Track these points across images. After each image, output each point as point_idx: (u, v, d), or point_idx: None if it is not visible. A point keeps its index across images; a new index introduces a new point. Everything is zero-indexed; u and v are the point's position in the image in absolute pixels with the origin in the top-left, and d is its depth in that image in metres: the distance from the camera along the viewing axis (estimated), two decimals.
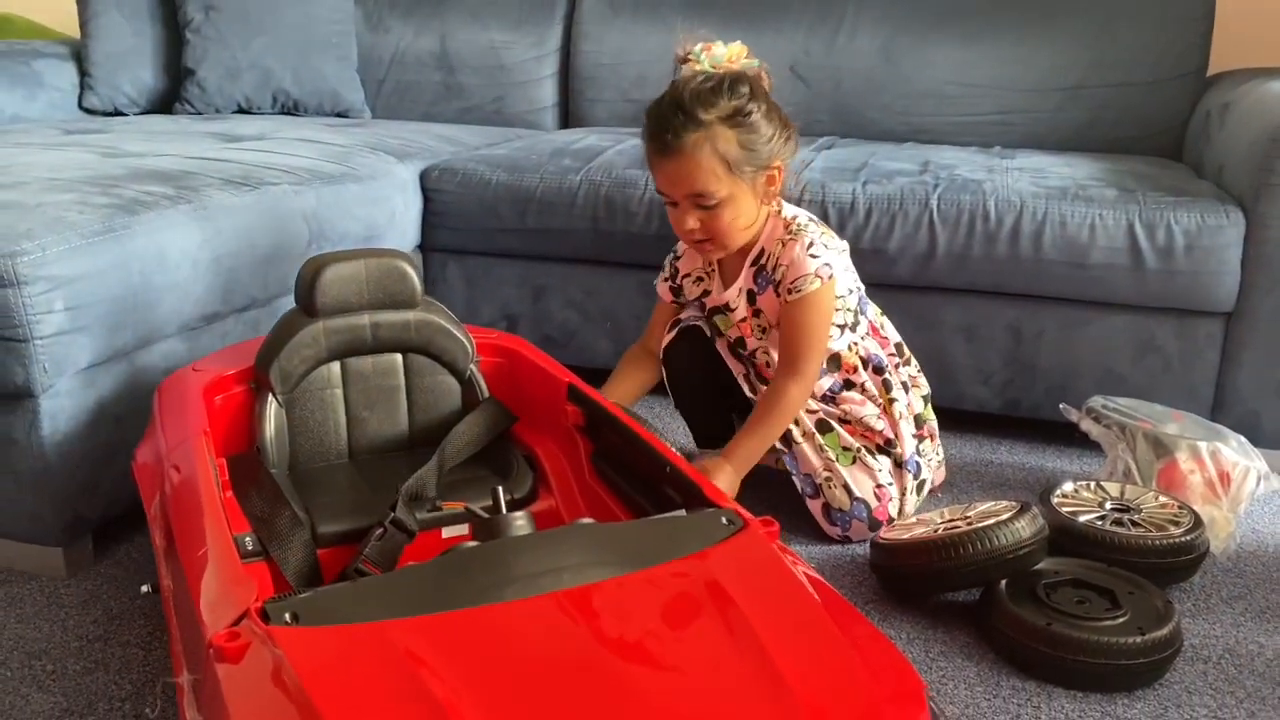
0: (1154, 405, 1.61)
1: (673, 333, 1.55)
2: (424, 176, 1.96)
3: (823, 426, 1.45)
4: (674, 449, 1.09)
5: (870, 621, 0.84)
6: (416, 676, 0.71)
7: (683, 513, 0.94)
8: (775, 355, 1.47)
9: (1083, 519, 1.35)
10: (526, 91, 2.55)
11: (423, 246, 2.00)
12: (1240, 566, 1.39)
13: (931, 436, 1.52)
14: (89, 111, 2.47)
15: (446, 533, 1.15)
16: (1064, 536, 1.33)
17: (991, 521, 1.22)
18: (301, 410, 1.23)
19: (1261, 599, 1.31)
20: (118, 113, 2.47)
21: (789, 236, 1.41)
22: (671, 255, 1.58)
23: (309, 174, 1.69)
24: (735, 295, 1.47)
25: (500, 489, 1.00)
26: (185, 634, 0.92)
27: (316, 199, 1.65)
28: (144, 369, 1.35)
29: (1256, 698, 1.12)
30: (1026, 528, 1.21)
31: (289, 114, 2.49)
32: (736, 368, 1.51)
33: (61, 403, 1.25)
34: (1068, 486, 1.44)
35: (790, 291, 1.39)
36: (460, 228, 1.95)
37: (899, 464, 1.45)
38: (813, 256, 1.38)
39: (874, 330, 1.50)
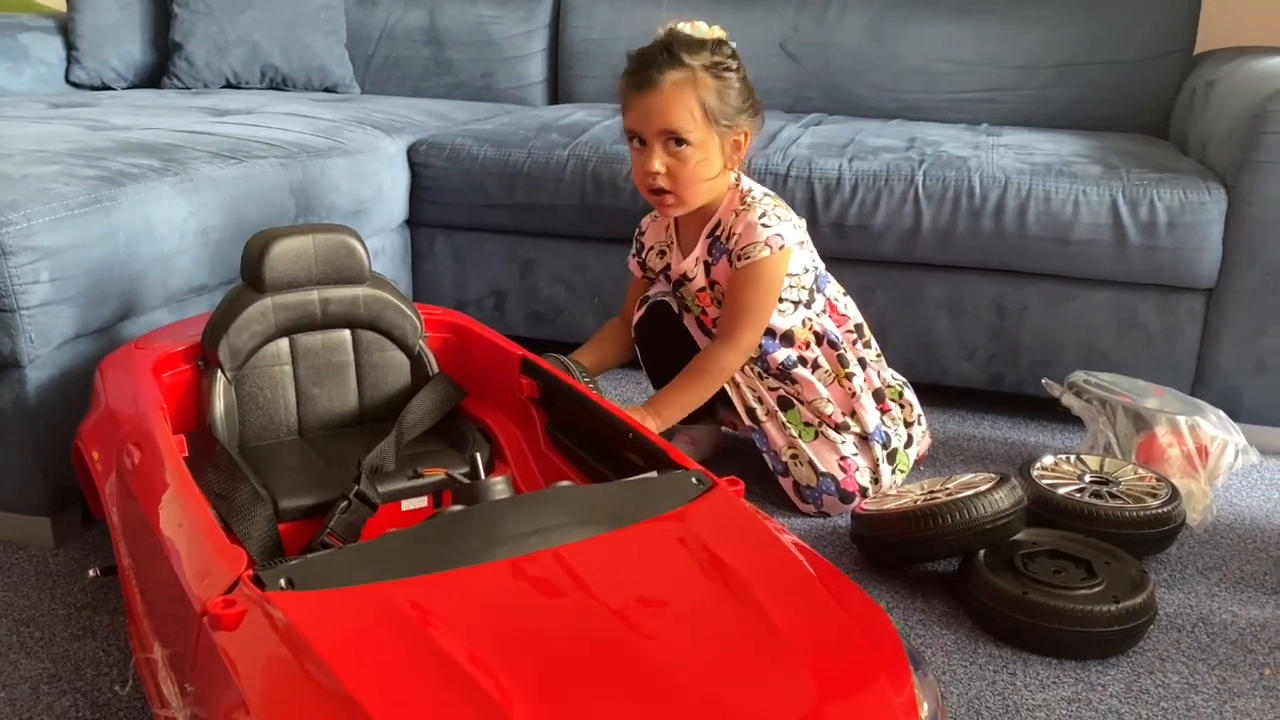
0: (1135, 380, 1.62)
1: (642, 309, 1.56)
2: (411, 151, 1.96)
3: (784, 403, 1.47)
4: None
5: (851, 579, 0.85)
6: (423, 632, 0.73)
7: (654, 474, 0.95)
8: None
9: (1062, 491, 1.37)
10: (515, 67, 2.54)
11: (410, 221, 2.00)
12: (1216, 538, 1.41)
13: (907, 408, 1.54)
14: (76, 85, 2.46)
15: (407, 505, 1.16)
16: (1043, 508, 1.35)
17: (970, 493, 1.24)
18: (250, 387, 1.23)
19: (1236, 570, 1.33)
20: (105, 87, 2.46)
21: (743, 207, 1.43)
22: (637, 230, 1.61)
23: (296, 148, 1.69)
24: (692, 264, 1.48)
25: (479, 455, 1.01)
26: (156, 610, 0.93)
27: (304, 173, 1.66)
28: (131, 339, 1.36)
29: (1228, 665, 1.14)
30: (1005, 499, 1.22)
31: (277, 89, 2.48)
32: (704, 343, 1.52)
33: (48, 373, 1.25)
34: (1048, 460, 1.46)
35: (739, 258, 1.41)
36: (448, 203, 1.95)
37: (864, 437, 1.46)
38: (764, 225, 1.40)
39: (832, 308, 1.51)
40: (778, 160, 1.79)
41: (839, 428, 1.46)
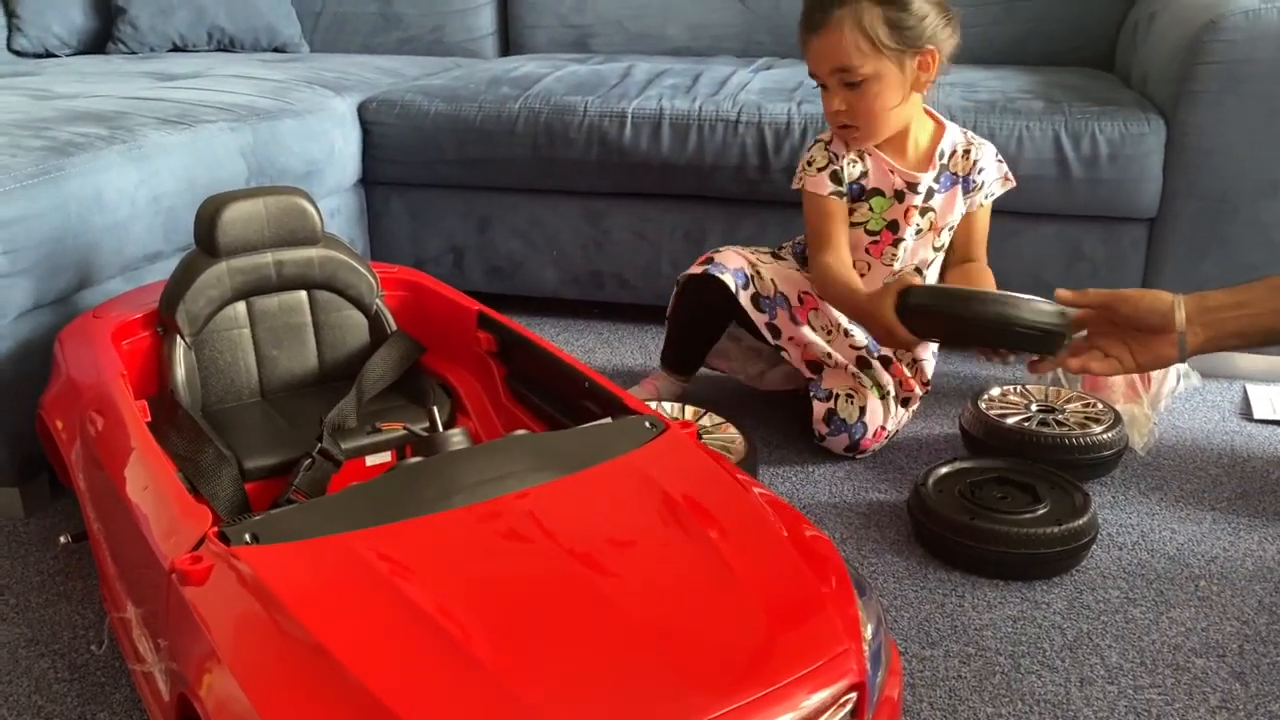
0: None
1: (704, 269, 1.48)
2: (362, 109, 1.96)
3: (862, 363, 1.48)
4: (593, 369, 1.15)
5: (800, 512, 0.89)
6: (385, 580, 0.75)
7: (608, 420, 0.98)
8: (915, 259, 1.51)
9: (1010, 421, 1.42)
10: (464, 20, 2.53)
11: (365, 180, 2.01)
12: (1159, 461, 1.46)
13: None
14: (18, 54, 2.42)
15: (370, 461, 1.19)
16: (991, 437, 1.40)
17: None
18: (210, 351, 1.24)
19: (1176, 489, 1.39)
20: (49, 54, 2.43)
21: (978, 142, 1.50)
22: (814, 148, 1.49)
23: (245, 110, 1.69)
24: (917, 184, 1.46)
25: (436, 409, 1.04)
26: (127, 571, 0.96)
27: (254, 136, 1.65)
28: (89, 309, 1.36)
29: (1165, 578, 1.19)
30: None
31: (225, 50, 2.46)
32: (759, 318, 1.47)
33: (7, 345, 1.26)
34: (995, 391, 1.50)
35: (988, 195, 1.51)
36: (401, 160, 1.96)
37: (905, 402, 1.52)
38: (1001, 162, 1.51)
39: None
40: (727, 106, 1.80)
41: (905, 402, 1.51)
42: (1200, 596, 1.16)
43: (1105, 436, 1.37)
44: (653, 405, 1.10)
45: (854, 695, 0.74)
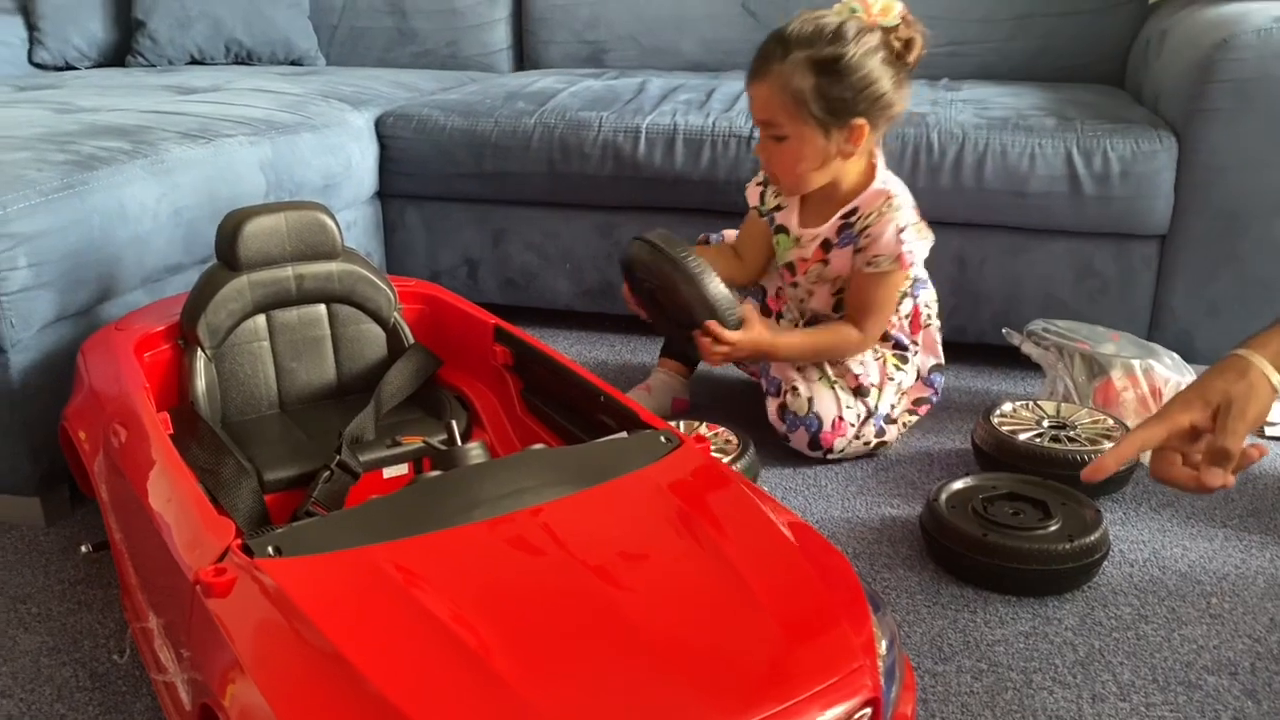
0: (1094, 327, 1.67)
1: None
2: (379, 123, 1.98)
3: None
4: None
5: (814, 528, 0.90)
6: (406, 592, 0.77)
7: (624, 435, 0.99)
8: (819, 303, 1.54)
9: (1021, 437, 1.42)
10: (480, 35, 2.55)
11: (381, 194, 2.02)
12: None
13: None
14: (39, 66, 2.45)
15: (388, 473, 1.20)
16: (1003, 453, 1.40)
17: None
18: (231, 364, 1.26)
19: (1188, 506, 1.39)
20: (69, 67, 2.46)
21: (886, 210, 1.43)
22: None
23: (264, 124, 1.71)
24: (810, 238, 1.50)
25: (454, 422, 1.05)
26: (149, 581, 0.97)
27: (273, 150, 1.67)
28: (110, 321, 1.38)
29: (1178, 595, 1.20)
30: None
31: (242, 63, 2.48)
32: (770, 284, 1.56)
33: (31, 357, 1.28)
34: (1006, 407, 1.51)
35: (869, 264, 1.44)
36: (417, 174, 1.97)
37: (870, 413, 1.50)
38: (900, 240, 1.42)
39: (915, 315, 1.54)
40: (741, 122, 1.81)
41: (856, 391, 1.50)
42: (1212, 614, 1.16)
43: None
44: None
45: (868, 711, 0.75)
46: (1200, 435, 0.95)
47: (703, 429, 1.47)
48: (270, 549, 0.80)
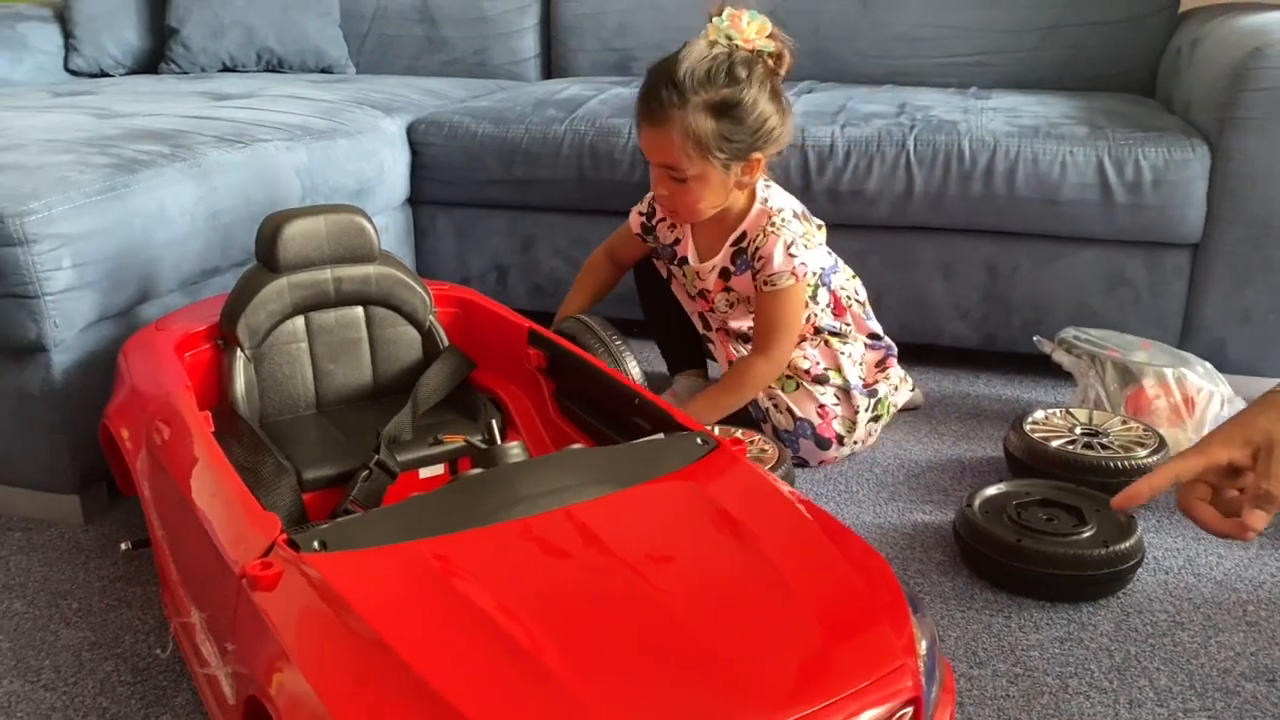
0: (1124, 335, 1.67)
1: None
2: (411, 130, 1.99)
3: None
4: (640, 381, 1.18)
5: (852, 530, 0.90)
6: (451, 585, 0.77)
7: (661, 436, 1.00)
8: (740, 324, 1.55)
9: (1054, 444, 1.42)
10: (508, 43, 2.57)
11: (412, 199, 2.04)
12: None
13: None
14: (75, 73, 2.49)
15: (424, 474, 1.21)
16: (1036, 460, 1.40)
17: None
18: (269, 365, 1.28)
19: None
20: (103, 74, 2.49)
21: (771, 230, 1.45)
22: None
23: (299, 130, 1.73)
24: (708, 270, 1.53)
25: (495, 422, 1.06)
26: (192, 576, 0.98)
27: (308, 154, 1.69)
28: (149, 322, 1.40)
29: (1213, 603, 1.19)
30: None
31: (273, 71, 2.51)
32: (691, 306, 1.58)
33: (72, 356, 1.30)
34: (1039, 414, 1.50)
35: (766, 284, 1.46)
36: (448, 180, 1.99)
37: (845, 390, 1.52)
38: (790, 255, 1.44)
39: (836, 301, 1.55)
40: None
41: (818, 380, 1.51)
42: (1249, 621, 1.16)
43: (1150, 460, 1.37)
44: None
45: (909, 710, 0.75)
46: (1238, 473, 0.93)
47: (739, 434, 1.47)
48: (316, 544, 0.81)
